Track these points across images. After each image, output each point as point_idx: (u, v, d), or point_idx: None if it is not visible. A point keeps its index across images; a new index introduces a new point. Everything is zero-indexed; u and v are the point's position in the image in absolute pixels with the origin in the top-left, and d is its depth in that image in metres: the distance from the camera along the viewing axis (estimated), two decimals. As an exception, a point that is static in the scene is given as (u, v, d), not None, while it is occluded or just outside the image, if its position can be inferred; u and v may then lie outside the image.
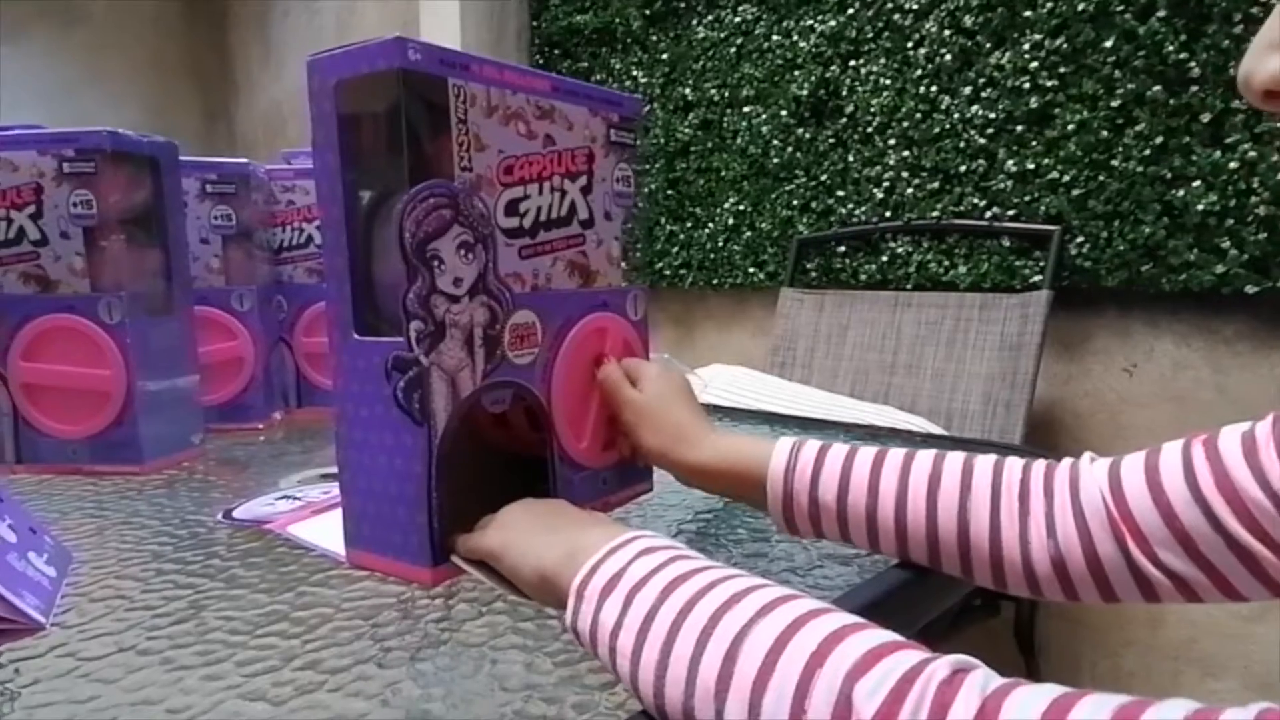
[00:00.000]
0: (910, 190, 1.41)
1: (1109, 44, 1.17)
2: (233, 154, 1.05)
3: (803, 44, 1.53)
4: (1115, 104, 1.17)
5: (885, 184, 1.44)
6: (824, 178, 1.53)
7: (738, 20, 1.63)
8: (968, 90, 1.32)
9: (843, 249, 1.52)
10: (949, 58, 1.34)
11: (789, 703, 0.29)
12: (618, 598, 0.36)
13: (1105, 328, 1.27)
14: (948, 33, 1.34)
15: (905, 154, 1.41)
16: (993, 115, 1.29)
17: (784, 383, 1.37)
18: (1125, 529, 0.43)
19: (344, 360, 0.49)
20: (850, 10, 1.46)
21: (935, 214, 1.38)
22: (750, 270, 1.67)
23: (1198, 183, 1.11)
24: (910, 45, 1.39)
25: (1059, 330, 1.28)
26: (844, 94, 1.48)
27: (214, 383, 0.90)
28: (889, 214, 1.45)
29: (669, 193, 1.77)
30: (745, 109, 1.63)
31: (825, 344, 1.49)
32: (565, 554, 0.41)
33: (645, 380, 0.58)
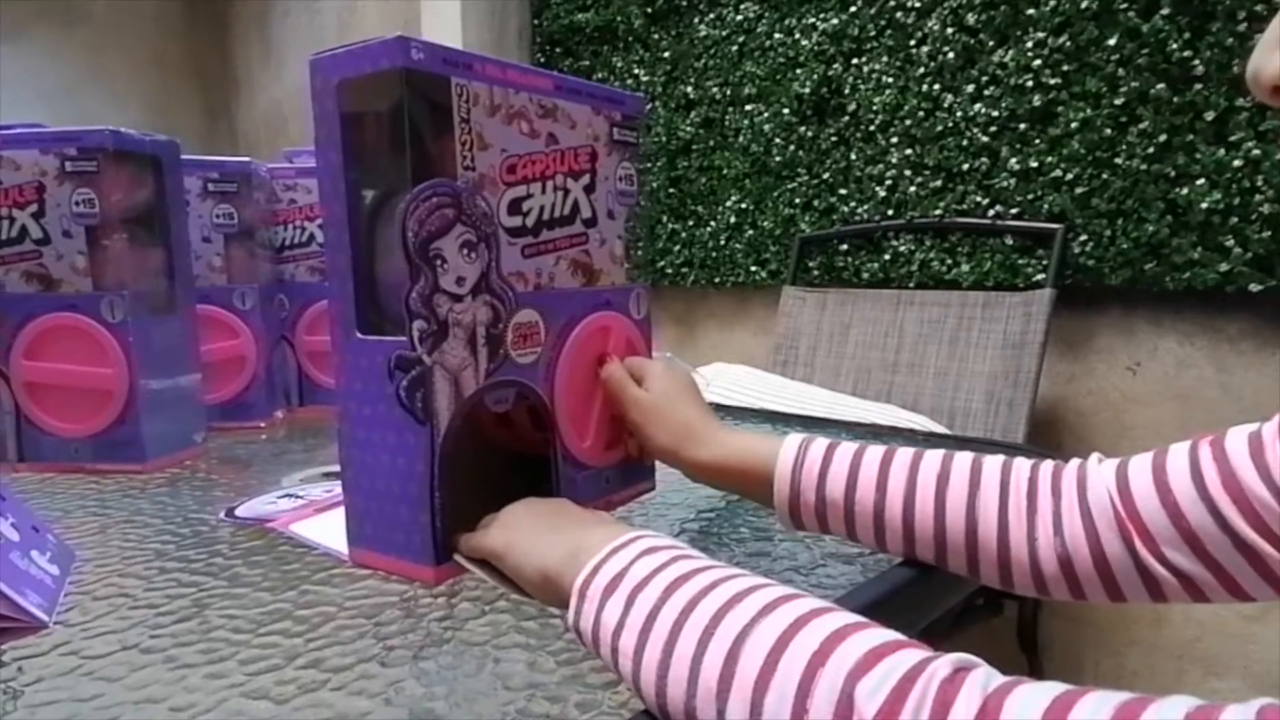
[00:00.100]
0: (913, 188, 1.41)
1: (1112, 42, 1.17)
2: (234, 153, 1.05)
3: (805, 42, 1.53)
4: (1119, 102, 1.17)
5: (888, 182, 1.44)
6: (826, 176, 1.52)
7: (739, 18, 1.63)
8: (970, 88, 1.32)
9: (845, 247, 1.52)
10: (952, 55, 1.34)
11: (791, 702, 0.29)
12: (620, 597, 0.36)
13: (1108, 326, 1.27)
14: (950, 30, 1.34)
15: (908, 152, 1.41)
16: (995, 113, 1.29)
17: (786, 381, 1.37)
18: (1132, 528, 0.43)
19: (346, 359, 0.49)
20: (853, 8, 1.45)
21: (938, 212, 1.38)
22: (752, 269, 1.66)
23: (1201, 181, 1.11)
24: (913, 43, 1.39)
25: (1062, 329, 1.28)
26: (846, 92, 1.48)
27: (216, 381, 0.90)
28: (891, 212, 1.44)
29: (671, 191, 1.77)
30: (747, 107, 1.63)
31: (827, 342, 1.49)
32: (568, 553, 0.41)
33: (651, 379, 0.58)
